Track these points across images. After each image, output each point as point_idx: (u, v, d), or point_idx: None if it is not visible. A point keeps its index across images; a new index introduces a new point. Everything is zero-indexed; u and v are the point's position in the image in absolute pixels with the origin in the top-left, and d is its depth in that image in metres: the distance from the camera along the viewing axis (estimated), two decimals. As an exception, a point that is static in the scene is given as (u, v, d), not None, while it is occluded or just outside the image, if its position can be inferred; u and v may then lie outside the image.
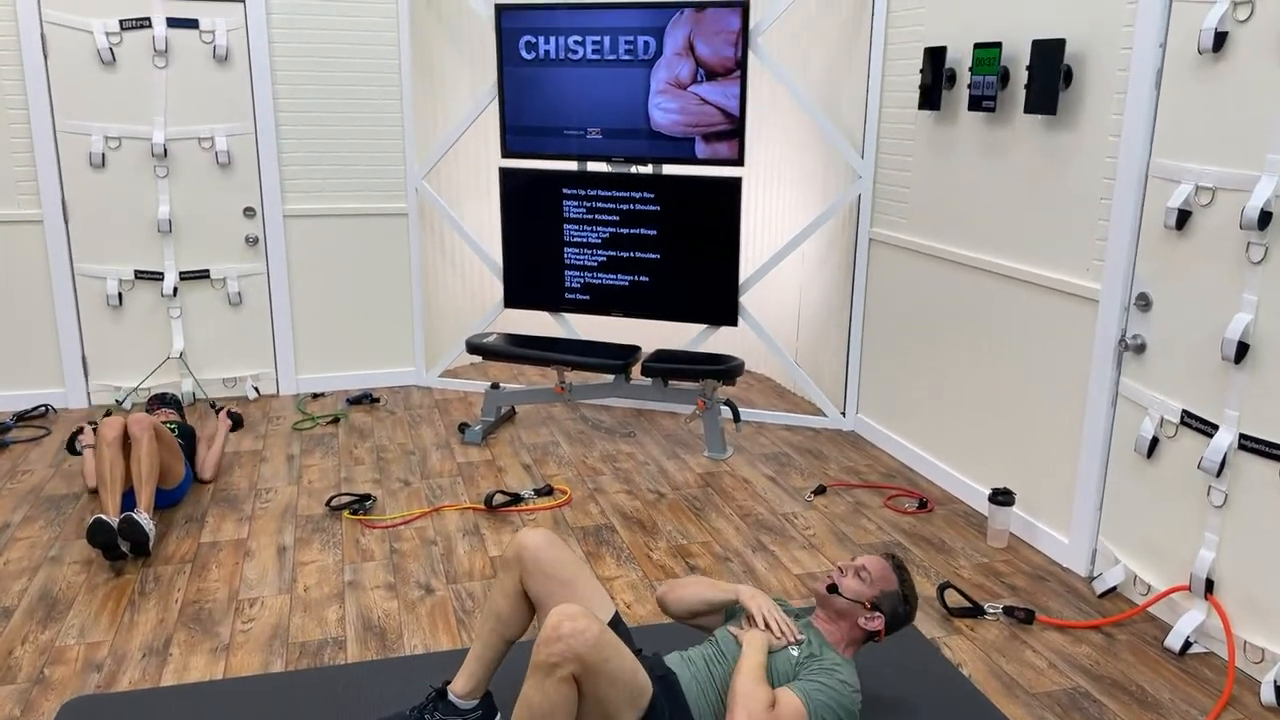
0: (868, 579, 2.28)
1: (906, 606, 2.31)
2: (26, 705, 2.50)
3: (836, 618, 2.29)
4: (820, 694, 2.09)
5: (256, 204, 4.89)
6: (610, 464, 4.25)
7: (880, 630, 2.27)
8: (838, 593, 2.27)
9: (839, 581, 2.29)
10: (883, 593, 2.27)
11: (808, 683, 2.11)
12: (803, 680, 2.13)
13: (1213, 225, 2.74)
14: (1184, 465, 2.87)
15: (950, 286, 3.90)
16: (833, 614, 2.29)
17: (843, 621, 2.28)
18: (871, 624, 2.25)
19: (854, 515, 3.75)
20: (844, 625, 2.28)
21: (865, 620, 2.26)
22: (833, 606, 2.28)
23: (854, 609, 2.26)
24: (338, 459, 4.26)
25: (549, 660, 1.91)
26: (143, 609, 2.98)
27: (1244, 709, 2.55)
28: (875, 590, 2.27)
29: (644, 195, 4.53)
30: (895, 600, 2.28)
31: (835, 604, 2.28)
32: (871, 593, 2.27)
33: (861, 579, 2.28)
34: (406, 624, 2.92)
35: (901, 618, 2.31)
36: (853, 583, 2.28)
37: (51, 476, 3.99)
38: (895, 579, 2.30)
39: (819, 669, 2.15)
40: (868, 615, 2.26)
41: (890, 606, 2.27)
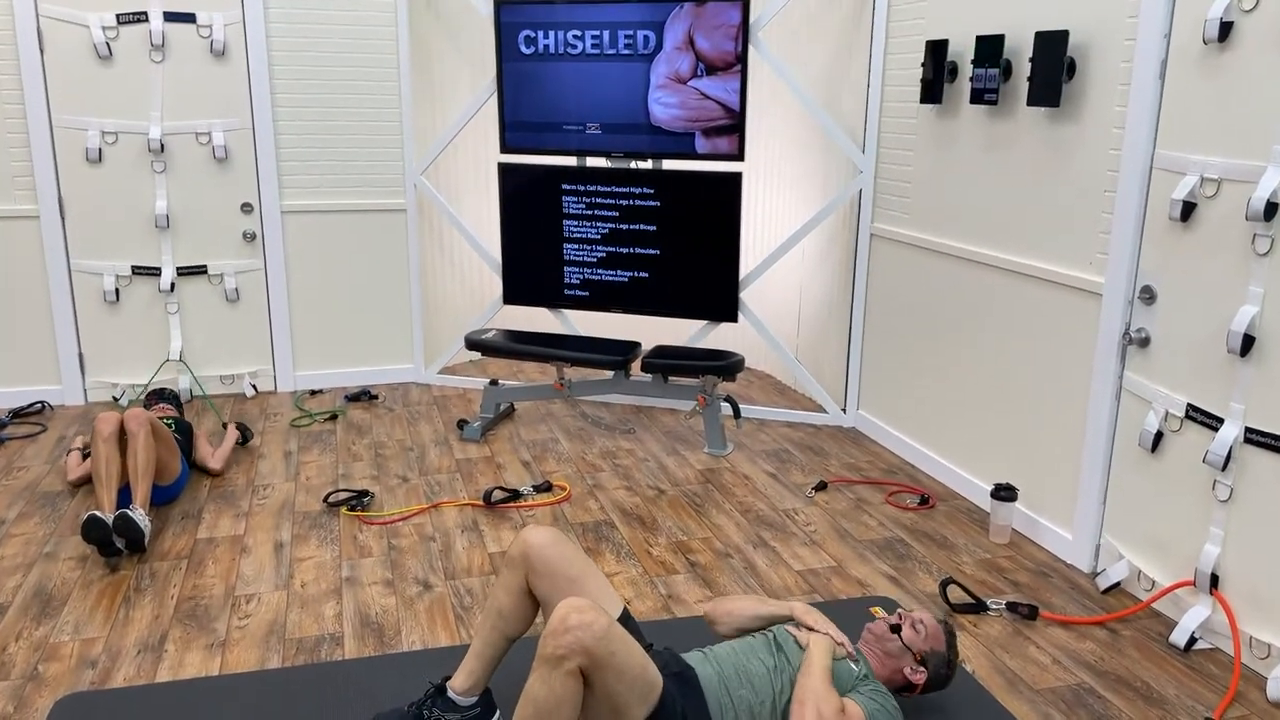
0: (923, 633, 2.30)
1: (948, 670, 2.32)
2: (20, 702, 2.47)
3: (885, 658, 2.30)
4: (880, 714, 2.11)
5: (254, 200, 4.87)
6: (610, 460, 4.22)
7: (919, 685, 2.28)
8: (899, 634, 2.28)
9: (900, 624, 2.31)
10: (932, 650, 2.29)
11: (867, 700, 2.13)
12: (863, 695, 2.14)
13: (1218, 217, 2.71)
14: (1189, 460, 2.85)
15: (952, 281, 3.88)
16: (881, 654, 2.30)
17: (890, 662, 2.29)
18: (915, 676, 2.27)
19: (855, 511, 3.73)
20: (890, 666, 2.29)
21: (911, 671, 2.27)
22: (885, 647, 2.30)
23: (904, 656, 2.28)
24: (336, 455, 4.23)
25: (556, 653, 1.88)
26: (138, 605, 2.95)
27: (1250, 705, 2.52)
28: (927, 645, 2.29)
29: (644, 191, 4.50)
30: (940, 662, 2.30)
31: (888, 645, 2.29)
32: (924, 647, 2.29)
33: (917, 631, 2.30)
34: (404, 620, 2.89)
35: (940, 681, 2.32)
36: (910, 632, 2.30)
37: (47, 473, 3.97)
38: (945, 642, 2.32)
39: (875, 690, 2.18)
40: (914, 667, 2.27)
41: (934, 666, 2.29)
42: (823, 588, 3.14)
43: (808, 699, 2.03)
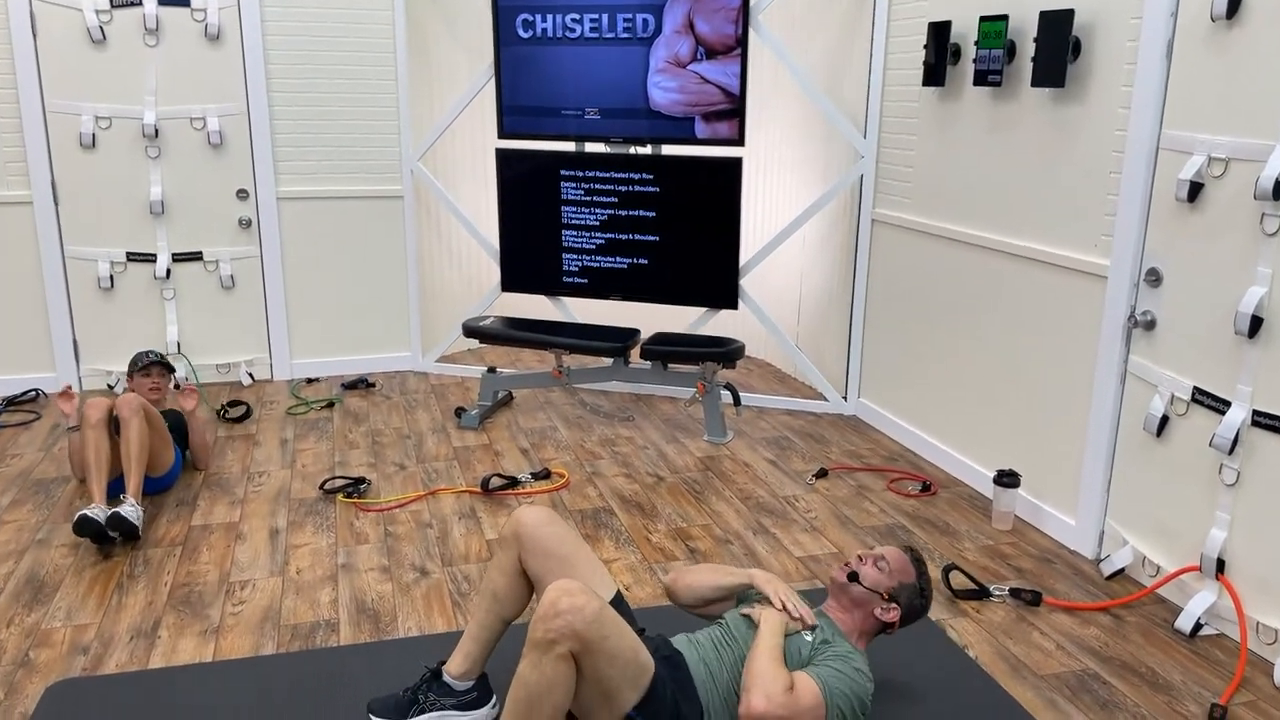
0: (886, 569, 2.23)
1: (922, 600, 2.26)
2: (10, 688, 2.44)
3: (851, 607, 2.23)
4: (837, 681, 2.04)
5: (249, 186, 4.82)
6: (609, 448, 4.19)
7: (895, 622, 2.22)
8: (858, 581, 2.21)
9: (858, 570, 2.24)
10: (900, 584, 2.23)
11: (824, 668, 2.07)
12: (818, 666, 2.08)
13: (1225, 197, 2.67)
14: (1195, 444, 2.81)
15: (954, 266, 3.84)
16: (847, 603, 2.24)
17: (857, 611, 2.23)
18: (887, 615, 2.20)
19: (856, 498, 3.69)
20: (858, 615, 2.23)
21: (881, 611, 2.21)
22: (849, 595, 2.23)
23: (871, 599, 2.21)
24: (332, 443, 4.20)
25: (546, 637, 1.85)
26: (131, 592, 2.91)
27: (1257, 690, 2.49)
28: (894, 581, 2.22)
29: (643, 176, 4.46)
30: (912, 593, 2.24)
31: (852, 593, 2.22)
32: (890, 584, 2.22)
33: (880, 569, 2.23)
34: (401, 606, 2.86)
35: (916, 611, 2.26)
36: (872, 572, 2.23)
37: (41, 460, 3.93)
38: (914, 571, 2.26)
39: (833, 655, 2.11)
40: (884, 606, 2.20)
41: (907, 599, 2.23)
42: (823, 574, 3.10)
43: (754, 684, 1.97)
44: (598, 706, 1.94)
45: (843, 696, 2.03)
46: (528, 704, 1.85)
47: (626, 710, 1.94)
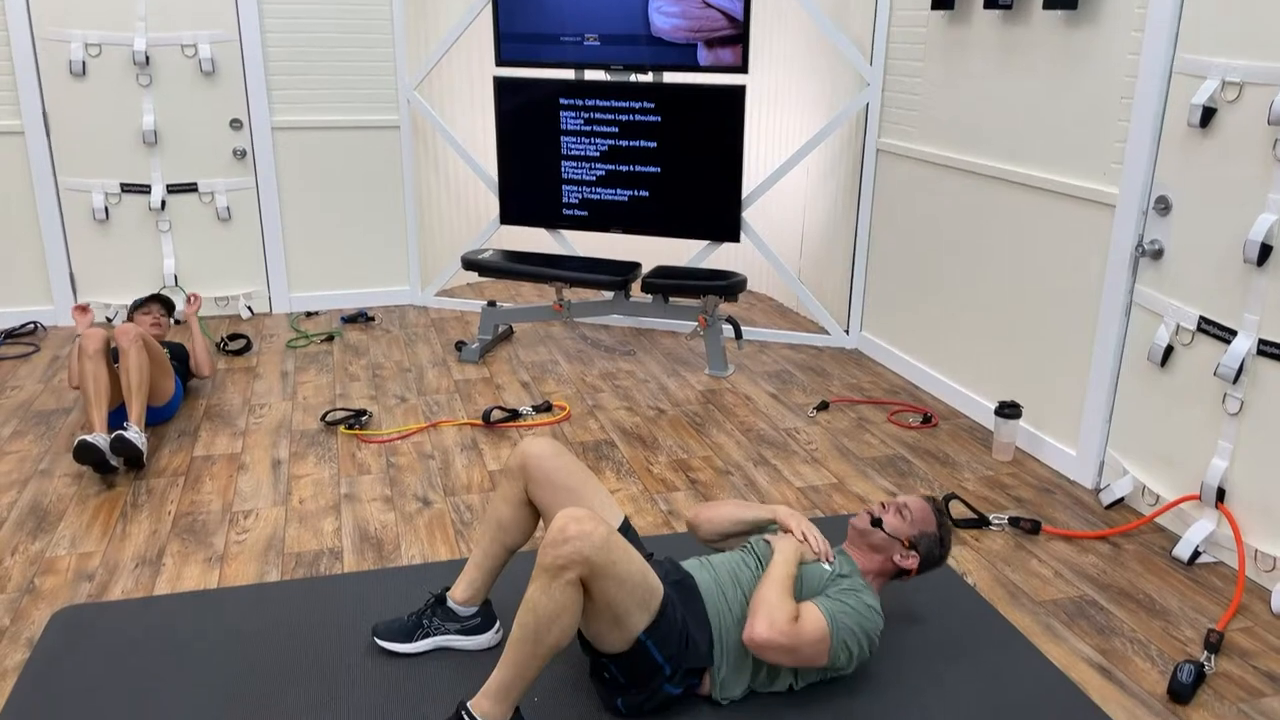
0: (909, 517, 2.24)
1: (942, 549, 2.27)
2: (16, 614, 2.46)
3: (871, 551, 2.25)
4: (845, 615, 2.07)
5: (243, 115, 4.74)
6: (610, 382, 4.18)
7: (913, 569, 2.24)
8: (880, 527, 2.22)
9: (881, 516, 2.25)
10: (921, 533, 2.24)
11: (834, 602, 2.09)
12: (829, 598, 2.10)
13: (1239, 122, 2.62)
14: (1199, 373, 2.80)
15: (960, 197, 3.79)
16: (868, 547, 2.25)
17: (877, 555, 2.24)
18: (906, 561, 2.22)
19: (857, 430, 3.70)
20: (878, 558, 2.24)
21: (901, 557, 2.22)
22: (869, 540, 2.24)
23: (891, 545, 2.22)
24: (333, 376, 4.19)
25: (555, 563, 1.85)
26: (135, 520, 2.93)
27: (1254, 617, 2.51)
28: (915, 530, 2.23)
29: (644, 105, 4.38)
30: (932, 542, 2.25)
31: (873, 538, 2.24)
32: (911, 531, 2.23)
33: (903, 517, 2.24)
34: (404, 535, 2.87)
35: (935, 560, 2.27)
36: (894, 519, 2.24)
37: (41, 392, 3.92)
38: (935, 521, 2.27)
39: (847, 589, 2.13)
40: (904, 553, 2.22)
41: (926, 547, 2.24)
42: (824, 503, 3.12)
43: (759, 609, 1.99)
44: (608, 630, 1.96)
45: (849, 631, 2.06)
46: (536, 628, 1.87)
47: (637, 634, 1.96)
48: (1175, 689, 2.19)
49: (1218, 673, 2.29)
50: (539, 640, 1.88)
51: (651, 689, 2.03)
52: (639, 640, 1.98)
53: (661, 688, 2.03)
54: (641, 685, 2.03)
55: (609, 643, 1.99)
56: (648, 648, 1.99)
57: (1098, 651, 2.37)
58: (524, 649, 1.89)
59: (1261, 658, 2.35)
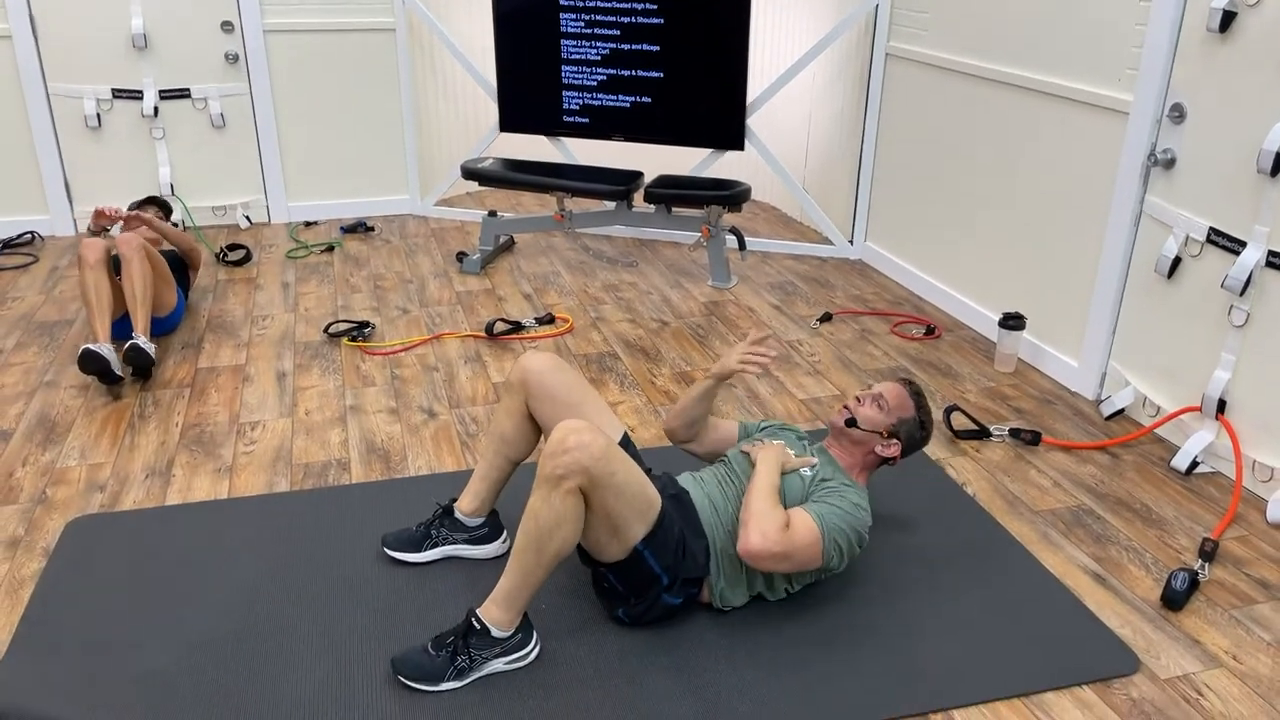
0: (885, 407, 2.24)
1: (923, 432, 2.28)
2: (30, 524, 2.50)
3: (852, 446, 2.26)
4: (833, 516, 2.08)
5: (234, 17, 4.61)
6: (612, 293, 4.16)
7: (896, 456, 2.25)
8: (856, 426, 2.23)
9: (856, 411, 2.25)
10: (900, 420, 2.25)
11: (821, 505, 2.10)
12: (815, 502, 2.11)
13: (1260, 27, 2.54)
14: (1206, 285, 2.78)
15: (970, 103, 3.71)
16: (848, 443, 2.26)
17: (858, 449, 2.25)
18: (888, 450, 2.23)
19: (860, 342, 3.70)
20: (859, 452, 2.26)
21: (882, 447, 2.23)
22: (849, 437, 2.25)
23: (870, 439, 2.23)
24: (334, 287, 4.17)
25: (555, 473, 1.87)
26: (143, 432, 2.95)
27: (1249, 526, 2.55)
28: (893, 418, 2.24)
29: (646, 7, 4.25)
30: (912, 426, 2.26)
31: (852, 435, 2.24)
32: (889, 421, 2.24)
33: (880, 407, 2.24)
34: (410, 446, 2.90)
35: (917, 442, 2.29)
36: (870, 411, 2.24)
37: (43, 303, 3.91)
38: (912, 405, 2.27)
39: (830, 491, 2.14)
40: (885, 443, 2.23)
41: (907, 433, 2.25)
42: (826, 415, 3.13)
43: (750, 521, 2.00)
44: (607, 540, 1.99)
45: (839, 531, 2.07)
46: (538, 536, 1.90)
47: (635, 543, 1.99)
48: (1169, 596, 2.24)
49: (1211, 580, 2.34)
50: (541, 549, 1.92)
51: (650, 599, 2.08)
52: (636, 550, 2.01)
53: (660, 597, 2.08)
54: (640, 594, 2.08)
55: (607, 552, 2.03)
56: (645, 557, 2.02)
57: (1094, 559, 2.42)
58: (528, 557, 1.93)
59: (1255, 565, 2.40)
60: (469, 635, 1.95)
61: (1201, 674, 2.04)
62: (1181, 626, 2.18)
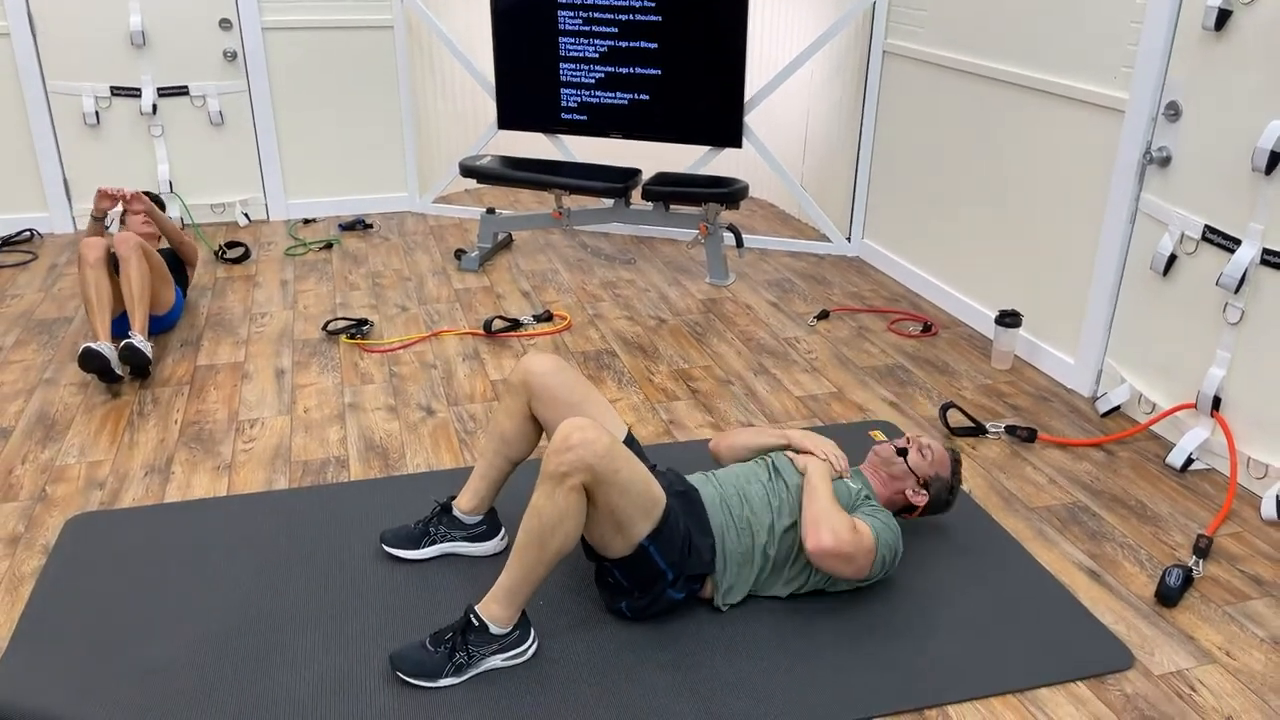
0: (929, 458, 2.31)
1: (949, 496, 2.35)
2: (30, 521, 2.51)
3: (888, 480, 2.31)
4: (882, 530, 2.15)
5: (232, 15, 4.61)
6: (610, 291, 4.17)
7: (920, 507, 2.31)
8: (904, 458, 2.29)
9: (907, 448, 2.31)
10: (936, 475, 2.31)
11: (870, 518, 2.16)
12: (866, 514, 2.17)
13: (1255, 25, 2.55)
14: (1201, 283, 2.80)
15: (968, 101, 3.71)
16: (885, 475, 2.32)
17: (892, 483, 2.31)
18: (916, 498, 2.29)
19: (857, 339, 3.71)
20: (892, 486, 2.31)
21: (913, 493, 2.29)
22: (889, 469, 2.31)
23: (907, 479, 2.29)
24: (332, 284, 4.18)
25: (559, 469, 1.89)
26: (142, 429, 2.96)
27: (1244, 523, 2.57)
28: (931, 471, 2.30)
29: (644, 4, 4.26)
30: (943, 487, 2.32)
31: (894, 467, 2.30)
32: (929, 472, 2.30)
33: (924, 455, 2.30)
34: (409, 444, 2.91)
35: (940, 505, 2.35)
36: (915, 456, 2.30)
37: (42, 300, 3.92)
38: (950, 469, 2.34)
39: (875, 509, 2.21)
40: (917, 489, 2.29)
41: (936, 491, 2.31)
42: (823, 412, 3.15)
43: (821, 520, 2.06)
44: (611, 536, 2.00)
45: (886, 546, 2.14)
46: (541, 533, 1.91)
47: (640, 539, 2.01)
48: (1163, 592, 2.25)
49: (1205, 577, 2.35)
50: (544, 545, 1.93)
51: (654, 594, 2.09)
52: (641, 546, 2.03)
53: (664, 593, 2.09)
54: (645, 590, 2.09)
55: (613, 548, 2.04)
56: (650, 553, 2.04)
57: (1089, 556, 2.43)
58: (529, 553, 1.94)
59: (1249, 562, 2.41)
60: (467, 632, 1.97)
61: (1195, 670, 2.06)
62: (1176, 623, 2.20)
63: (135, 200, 3.61)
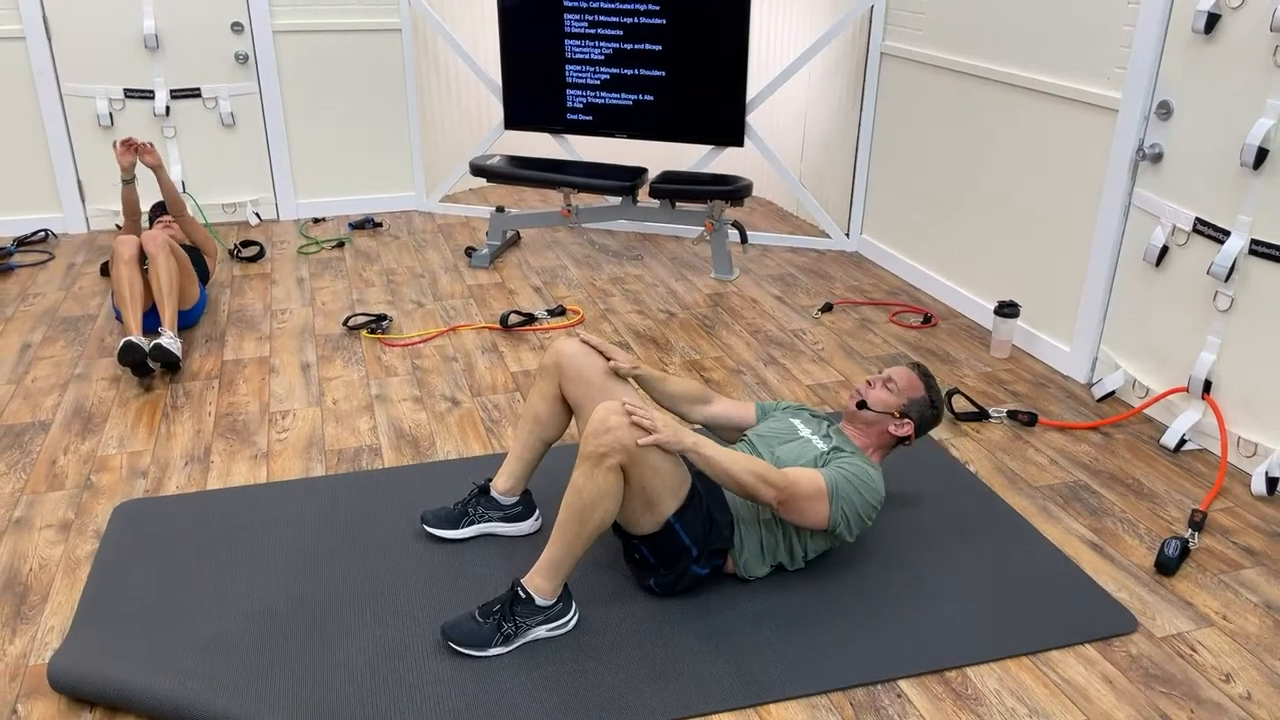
0: (895, 389, 2.37)
1: (934, 410, 2.41)
2: (79, 509, 2.61)
3: (865, 427, 2.39)
4: (843, 481, 2.20)
5: (244, 19, 4.70)
6: (619, 286, 4.29)
7: (910, 435, 2.37)
8: (866, 408, 2.36)
9: (866, 395, 2.38)
10: (910, 400, 2.37)
11: (834, 469, 2.23)
12: (830, 467, 2.24)
13: (1242, 28, 2.70)
14: (1192, 273, 2.94)
15: (965, 101, 3.86)
16: (862, 425, 2.39)
17: (871, 430, 2.38)
18: (901, 429, 2.36)
19: (860, 331, 3.85)
20: (873, 432, 2.38)
21: (895, 427, 2.36)
22: (862, 419, 2.38)
23: (882, 419, 2.36)
24: (348, 281, 4.28)
25: (597, 450, 2.00)
26: (177, 421, 3.06)
27: (1235, 499, 2.72)
28: (903, 399, 2.37)
29: (649, 7, 4.38)
30: (923, 405, 2.38)
31: (864, 417, 2.37)
32: (900, 401, 2.36)
33: (890, 389, 2.37)
34: (437, 433, 3.02)
35: (929, 420, 2.41)
36: (881, 394, 2.37)
37: (64, 299, 4.00)
38: (922, 385, 2.39)
39: (845, 461, 2.27)
40: (897, 422, 2.35)
41: (919, 412, 2.38)
42: (831, 399, 3.28)
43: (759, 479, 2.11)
44: (641, 513, 2.12)
45: (848, 498, 2.19)
46: (581, 509, 2.03)
47: (667, 516, 2.13)
48: (1162, 562, 2.39)
49: (1201, 548, 2.50)
50: (584, 521, 2.05)
51: (680, 569, 2.21)
52: (668, 523, 2.15)
53: (690, 568, 2.21)
54: (671, 565, 2.21)
55: (641, 525, 2.16)
56: (676, 530, 2.16)
57: (1090, 530, 2.57)
58: (571, 529, 2.06)
59: (1241, 534, 2.56)
60: (514, 604, 2.08)
61: (1194, 632, 2.20)
62: (1174, 590, 2.34)
63: (150, 156, 3.67)
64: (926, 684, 2.04)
